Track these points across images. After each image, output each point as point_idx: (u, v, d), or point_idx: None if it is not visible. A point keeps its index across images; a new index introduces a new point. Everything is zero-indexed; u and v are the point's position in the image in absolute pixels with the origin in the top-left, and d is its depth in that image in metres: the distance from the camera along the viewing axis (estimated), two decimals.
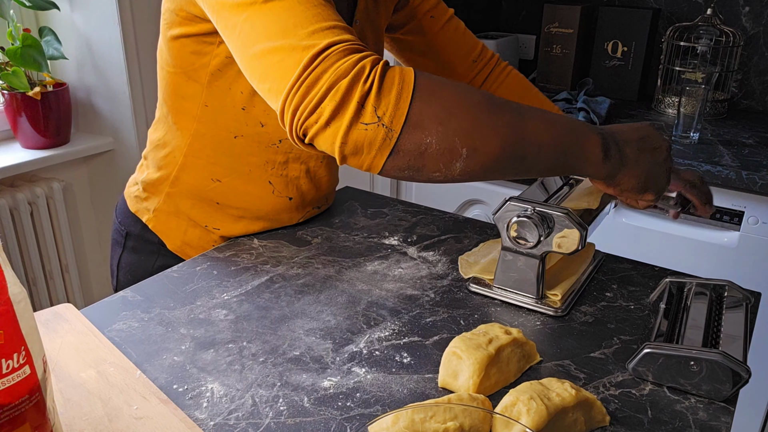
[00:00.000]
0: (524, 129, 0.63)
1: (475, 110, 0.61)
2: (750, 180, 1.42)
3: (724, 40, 1.82)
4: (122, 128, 1.95)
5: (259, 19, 0.63)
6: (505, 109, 0.63)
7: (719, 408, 0.63)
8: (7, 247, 1.79)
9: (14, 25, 1.72)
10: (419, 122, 0.60)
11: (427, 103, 0.60)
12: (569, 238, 0.75)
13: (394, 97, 0.59)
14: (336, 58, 0.59)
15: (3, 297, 0.44)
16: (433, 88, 0.61)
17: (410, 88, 0.59)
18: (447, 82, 0.63)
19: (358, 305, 0.80)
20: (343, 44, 0.60)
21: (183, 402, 0.62)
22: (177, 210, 0.96)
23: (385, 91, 0.59)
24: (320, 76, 0.59)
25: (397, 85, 0.59)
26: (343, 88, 0.58)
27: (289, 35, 0.61)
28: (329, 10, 0.64)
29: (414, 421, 0.50)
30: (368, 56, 0.60)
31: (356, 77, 0.59)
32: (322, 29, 0.61)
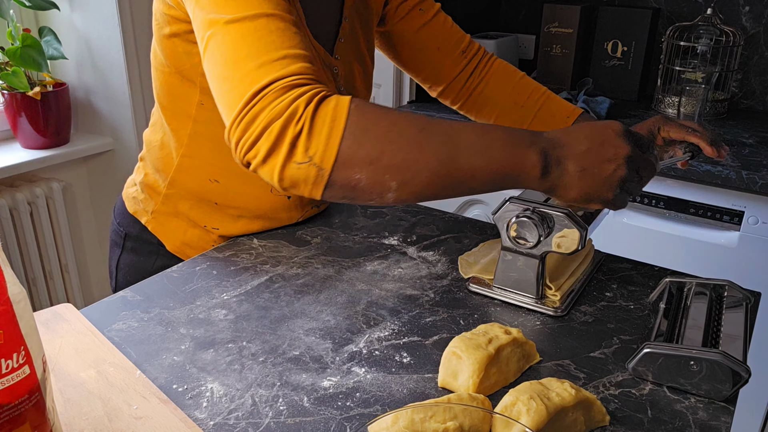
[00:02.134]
0: (456, 159, 0.64)
1: (407, 146, 0.63)
2: (750, 180, 1.42)
3: (724, 39, 1.82)
4: (122, 128, 1.95)
5: (218, 41, 0.67)
6: (438, 141, 0.64)
7: (719, 408, 0.63)
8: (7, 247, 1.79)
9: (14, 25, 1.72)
10: (349, 161, 0.62)
11: (358, 142, 0.62)
12: (569, 238, 0.75)
13: (324, 137, 0.62)
14: (273, 98, 0.63)
15: (3, 297, 0.44)
16: (365, 125, 0.63)
17: (341, 128, 0.62)
18: (381, 116, 0.64)
19: (357, 305, 0.80)
20: (285, 80, 0.63)
21: (183, 402, 0.62)
22: (176, 211, 0.96)
23: (315, 131, 0.62)
24: (257, 115, 0.63)
25: (328, 125, 0.62)
26: (276, 130, 0.62)
27: (239, 66, 0.65)
28: (285, 35, 0.67)
29: (414, 420, 0.50)
30: (305, 93, 0.63)
31: (289, 118, 0.62)
32: (270, 61, 0.64)
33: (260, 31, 0.66)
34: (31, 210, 1.85)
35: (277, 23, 0.67)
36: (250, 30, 0.66)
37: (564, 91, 2.03)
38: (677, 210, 1.57)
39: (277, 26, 0.67)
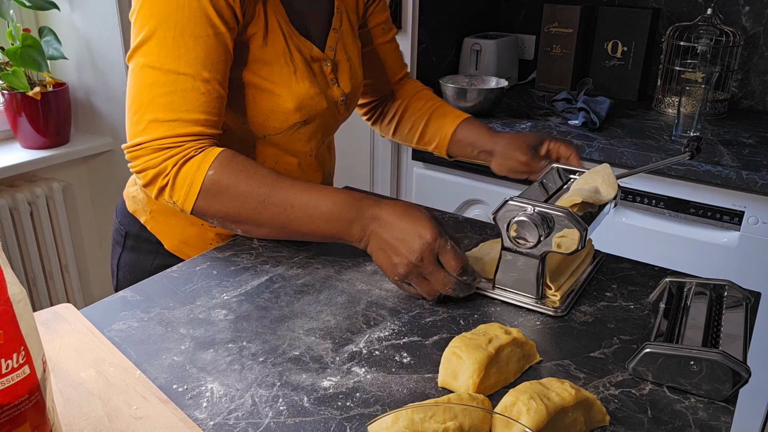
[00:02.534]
0: (289, 226, 0.80)
1: (247, 213, 0.80)
2: (750, 180, 1.42)
3: (724, 39, 1.82)
4: (122, 128, 1.95)
5: (135, 77, 0.81)
6: (274, 212, 0.79)
7: (719, 408, 0.63)
8: (7, 247, 1.79)
9: (14, 25, 1.72)
10: (202, 213, 0.81)
11: (208, 203, 0.80)
12: (569, 238, 0.75)
13: (183, 194, 0.80)
14: (150, 152, 0.79)
15: (3, 297, 0.44)
16: (216, 193, 0.79)
17: (195, 193, 0.79)
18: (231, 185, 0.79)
19: (357, 305, 0.80)
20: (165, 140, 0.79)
21: (183, 402, 0.62)
22: (174, 210, 0.96)
23: (176, 188, 0.80)
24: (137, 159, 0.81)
25: (186, 187, 0.79)
26: (150, 177, 0.80)
27: (140, 110, 0.80)
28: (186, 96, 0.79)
29: (414, 420, 0.50)
30: (174, 155, 0.79)
31: (158, 173, 0.80)
32: (163, 120, 0.79)
33: (166, 87, 0.79)
34: (31, 210, 1.85)
35: (185, 84, 0.79)
36: (158, 82, 0.79)
37: (564, 91, 2.03)
38: (677, 210, 1.57)
39: (184, 87, 0.79)
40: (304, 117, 0.90)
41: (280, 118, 0.89)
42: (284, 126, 0.90)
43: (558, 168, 0.94)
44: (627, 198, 1.62)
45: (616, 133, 1.68)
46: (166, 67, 0.78)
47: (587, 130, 1.70)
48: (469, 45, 2.07)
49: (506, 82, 1.84)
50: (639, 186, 1.60)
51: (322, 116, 0.94)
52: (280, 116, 0.88)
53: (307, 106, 0.90)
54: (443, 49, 2.06)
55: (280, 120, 0.89)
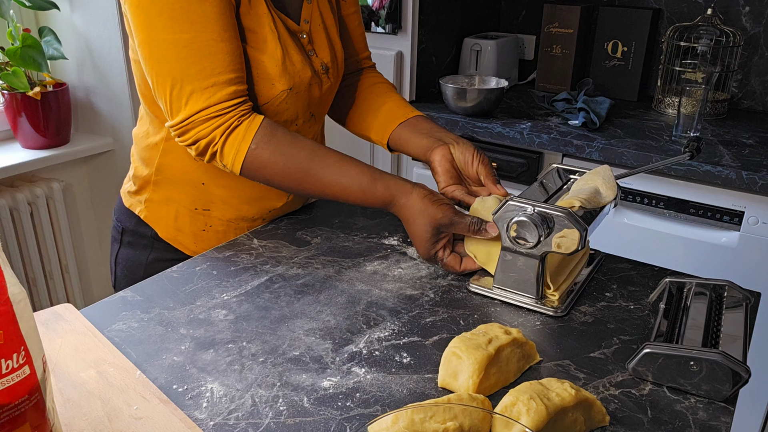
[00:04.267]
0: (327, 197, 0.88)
1: (288, 186, 0.87)
2: (750, 180, 1.42)
3: (724, 40, 1.82)
4: (122, 128, 1.95)
5: (154, 52, 0.81)
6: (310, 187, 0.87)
7: (719, 408, 0.63)
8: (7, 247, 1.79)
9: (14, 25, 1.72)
10: (250, 176, 0.88)
11: (253, 173, 0.87)
12: (569, 238, 0.75)
13: (231, 160, 0.85)
14: (198, 124, 0.83)
15: (3, 297, 0.44)
16: (258, 166, 0.85)
17: (240, 161, 0.85)
18: (269, 163, 0.85)
19: (357, 305, 0.80)
20: (207, 111, 0.82)
21: (183, 402, 0.62)
22: (166, 197, 0.98)
23: (225, 155, 0.85)
24: (186, 132, 0.84)
25: (233, 155, 0.85)
26: (201, 147, 0.85)
27: (175, 86, 0.82)
28: (217, 59, 0.81)
29: (414, 421, 0.50)
30: (222, 124, 0.83)
31: (208, 143, 0.84)
32: (201, 89, 0.82)
33: (192, 57, 0.80)
34: (32, 210, 1.85)
35: (208, 48, 0.81)
36: (184, 53, 0.80)
37: (564, 91, 2.03)
38: (677, 210, 1.57)
39: (209, 51, 0.81)
40: (290, 84, 0.91)
41: (267, 84, 0.90)
42: (272, 93, 0.90)
43: (558, 168, 0.94)
44: (627, 198, 1.62)
45: (616, 133, 1.68)
46: (185, 37, 0.80)
47: (587, 130, 1.70)
48: (469, 45, 2.07)
49: (506, 82, 1.84)
50: (639, 186, 1.60)
51: (308, 85, 0.94)
52: (267, 82, 0.89)
53: (292, 73, 0.91)
54: (443, 49, 2.06)
55: (268, 86, 0.90)
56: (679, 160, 0.85)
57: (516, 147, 1.72)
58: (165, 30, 0.79)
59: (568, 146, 1.63)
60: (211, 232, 1.00)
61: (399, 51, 1.89)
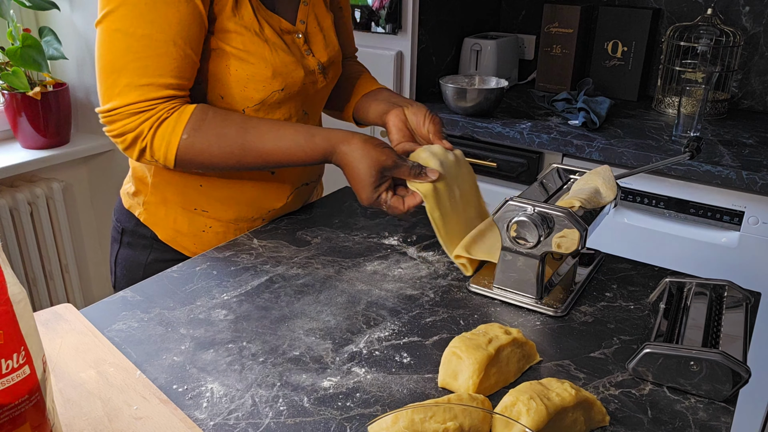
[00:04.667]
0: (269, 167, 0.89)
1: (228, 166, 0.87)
2: (750, 180, 1.42)
3: (725, 39, 1.82)
4: None
5: (105, 40, 0.82)
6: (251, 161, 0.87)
7: (719, 408, 0.63)
8: (7, 247, 1.79)
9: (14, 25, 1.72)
10: (185, 169, 0.89)
11: (187, 163, 0.86)
12: (569, 238, 0.75)
13: (162, 155, 0.85)
14: (123, 118, 0.83)
15: (3, 297, 0.44)
16: (192, 155, 0.85)
17: (173, 154, 0.85)
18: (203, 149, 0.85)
19: (357, 305, 0.80)
20: (140, 104, 0.82)
21: (183, 402, 0.62)
22: (164, 199, 0.98)
23: (155, 150, 0.85)
24: (114, 122, 0.84)
25: (164, 148, 0.84)
26: (129, 140, 0.84)
27: (113, 75, 0.82)
28: (161, 61, 0.82)
29: (414, 421, 0.50)
30: (150, 118, 0.83)
31: (136, 137, 0.84)
32: (137, 86, 0.82)
33: (139, 53, 0.81)
34: (32, 210, 1.85)
35: (158, 49, 0.81)
36: (132, 48, 0.81)
37: (564, 91, 2.03)
38: (677, 210, 1.57)
39: (157, 52, 0.81)
40: (282, 85, 0.91)
41: (258, 86, 0.90)
42: (263, 95, 0.90)
43: (558, 168, 0.94)
44: (627, 198, 1.62)
45: (616, 133, 1.68)
46: (140, 33, 0.80)
47: (587, 130, 1.70)
48: (469, 45, 2.07)
49: (506, 82, 1.84)
50: (639, 186, 1.60)
51: (301, 85, 0.95)
52: (258, 84, 0.90)
53: (283, 73, 0.91)
54: (443, 49, 2.06)
55: (259, 88, 0.90)
56: (679, 160, 0.85)
57: (516, 147, 1.72)
58: (123, 21, 0.80)
59: (568, 146, 1.63)
60: (210, 233, 1.00)
61: (399, 51, 1.89)
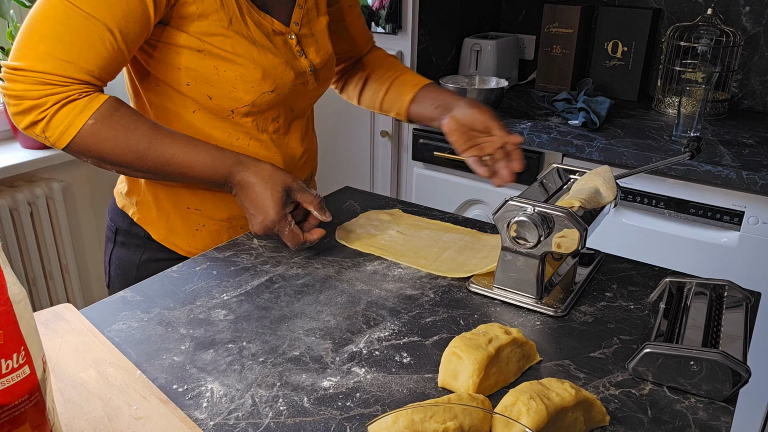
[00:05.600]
0: (165, 177, 0.86)
1: (124, 163, 0.83)
2: (750, 180, 1.42)
3: (725, 40, 1.82)
4: None
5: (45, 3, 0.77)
6: (151, 163, 0.84)
7: (719, 408, 0.63)
8: (7, 247, 1.79)
9: (14, 25, 1.72)
10: (75, 153, 0.82)
11: (83, 149, 0.81)
12: (569, 238, 0.75)
13: (58, 134, 0.80)
14: (30, 83, 0.77)
15: (3, 297, 0.44)
16: (93, 141, 0.81)
17: (71, 136, 0.80)
18: (109, 137, 0.81)
19: (357, 305, 0.80)
20: (54, 76, 0.77)
21: (183, 402, 0.62)
22: (156, 198, 0.98)
23: (51, 127, 0.79)
24: (15, 82, 0.78)
25: (63, 128, 0.79)
26: (25, 106, 0.78)
27: (36, 38, 0.77)
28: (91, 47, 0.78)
29: (414, 421, 0.50)
30: (58, 93, 0.78)
31: (37, 105, 0.78)
32: (58, 58, 0.77)
33: (73, 28, 0.77)
34: (32, 210, 1.85)
35: (94, 30, 0.77)
36: (68, 21, 0.77)
37: (564, 91, 2.03)
38: (677, 210, 1.57)
39: (91, 34, 0.78)
40: (272, 86, 0.91)
41: (247, 87, 0.89)
42: (253, 96, 0.90)
43: (558, 168, 0.94)
44: (627, 198, 1.62)
45: (616, 133, 1.68)
46: (83, 8, 0.77)
47: (587, 130, 1.70)
48: (469, 45, 2.07)
49: (506, 82, 1.84)
50: (639, 186, 1.60)
51: (291, 86, 0.94)
52: (246, 85, 0.89)
53: (273, 75, 0.91)
54: (443, 49, 2.06)
55: (248, 89, 0.90)
56: (679, 160, 0.85)
57: None
58: None
59: (568, 146, 1.63)
60: (204, 232, 0.99)
61: (399, 51, 1.89)
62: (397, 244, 0.95)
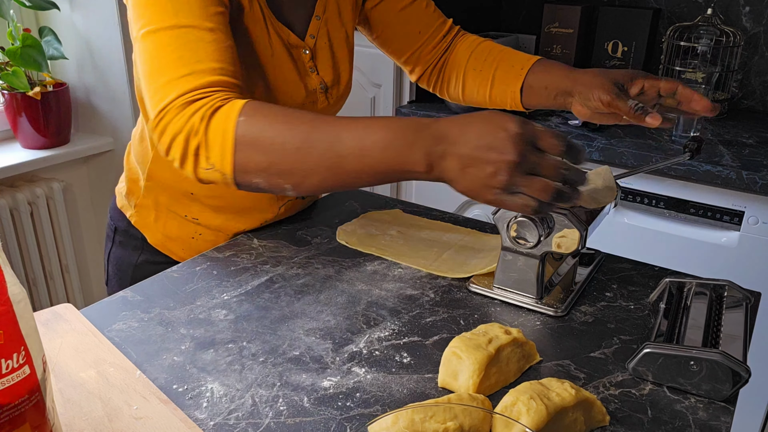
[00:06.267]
0: (341, 165, 0.69)
1: (291, 157, 0.69)
2: (750, 180, 1.42)
3: (725, 40, 1.82)
4: (122, 128, 1.95)
5: (139, 52, 0.75)
6: (320, 150, 0.69)
7: (719, 408, 0.63)
8: (7, 247, 1.79)
9: (14, 25, 1.72)
10: (244, 170, 0.71)
11: (247, 156, 0.70)
12: (569, 238, 0.75)
13: (219, 151, 0.70)
14: (174, 114, 0.71)
15: (3, 297, 0.44)
16: (252, 138, 0.69)
17: (230, 142, 0.70)
18: (266, 127, 0.70)
19: (357, 305, 0.80)
20: (184, 96, 0.71)
21: (183, 402, 0.62)
22: (155, 203, 0.97)
23: (210, 144, 0.70)
24: (165, 129, 0.72)
25: (220, 139, 0.70)
26: (181, 143, 0.71)
27: (153, 80, 0.73)
28: (198, 47, 0.73)
29: (414, 421, 0.50)
30: (200, 108, 0.70)
31: (188, 134, 0.71)
32: (177, 78, 0.72)
33: (172, 45, 0.73)
34: (32, 210, 1.85)
35: (188, 36, 0.73)
36: (164, 43, 0.73)
37: None
38: (677, 210, 1.57)
39: (188, 39, 0.73)
40: (280, 102, 0.89)
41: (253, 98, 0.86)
42: None
43: None
44: (627, 198, 1.62)
45: (616, 133, 1.68)
46: (166, 24, 0.73)
47: (587, 130, 1.70)
48: None
49: None
50: (639, 186, 1.60)
51: (300, 105, 0.91)
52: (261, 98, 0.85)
53: (282, 91, 0.88)
54: None
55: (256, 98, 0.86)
56: (679, 161, 0.85)
57: None
58: (149, 19, 0.74)
59: None
60: (200, 240, 0.99)
61: None
62: (397, 244, 0.95)
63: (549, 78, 0.94)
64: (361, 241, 0.96)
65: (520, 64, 0.98)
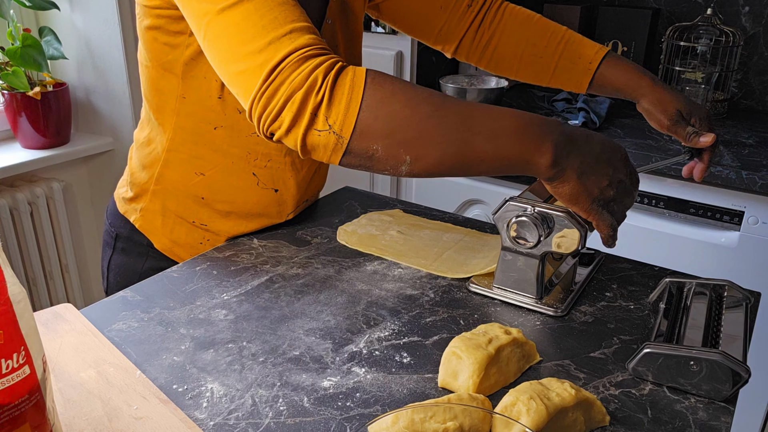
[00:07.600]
0: (469, 142, 0.66)
1: (421, 124, 0.65)
2: (750, 180, 1.42)
3: (724, 40, 1.82)
4: (122, 128, 1.95)
5: (220, 27, 0.67)
6: (452, 122, 0.66)
7: (719, 408, 0.63)
8: (7, 247, 1.79)
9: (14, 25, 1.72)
10: (366, 132, 0.65)
11: (374, 115, 0.64)
12: (569, 238, 0.75)
13: (344, 108, 0.64)
14: (291, 70, 0.64)
15: (3, 297, 0.44)
16: (382, 98, 0.64)
17: (358, 100, 0.64)
18: (398, 91, 0.65)
19: (357, 305, 0.80)
20: (298, 52, 0.64)
21: (183, 402, 0.62)
22: (163, 208, 0.96)
23: (335, 101, 0.64)
24: (277, 89, 0.64)
25: (347, 96, 0.64)
26: (298, 101, 0.64)
27: (249, 46, 0.66)
28: (286, 9, 0.67)
29: (414, 421, 0.50)
30: (322, 63, 0.64)
31: (309, 89, 0.64)
32: (279, 37, 0.65)
33: (261, 10, 0.66)
34: (32, 210, 1.85)
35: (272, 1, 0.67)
36: (250, 11, 0.66)
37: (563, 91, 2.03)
38: (677, 210, 1.57)
39: (274, 3, 0.67)
40: None
41: None
42: None
43: None
44: None
45: (616, 133, 1.68)
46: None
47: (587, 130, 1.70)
48: None
49: (506, 82, 1.84)
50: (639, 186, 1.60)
51: None
52: None
53: None
54: None
55: None
56: (679, 160, 0.86)
57: None
58: None
59: None
60: (208, 246, 0.97)
61: (399, 51, 1.89)
62: (397, 244, 0.95)
63: (618, 82, 0.97)
64: (361, 241, 0.96)
65: (587, 58, 0.97)
